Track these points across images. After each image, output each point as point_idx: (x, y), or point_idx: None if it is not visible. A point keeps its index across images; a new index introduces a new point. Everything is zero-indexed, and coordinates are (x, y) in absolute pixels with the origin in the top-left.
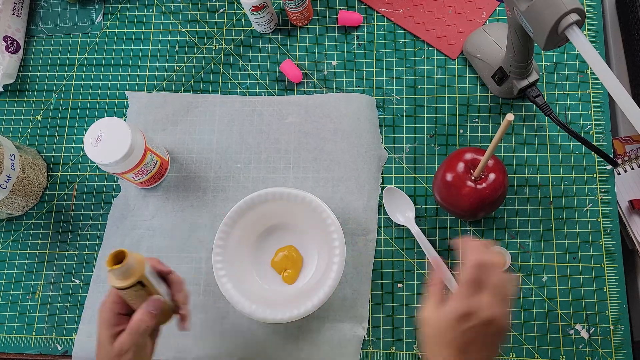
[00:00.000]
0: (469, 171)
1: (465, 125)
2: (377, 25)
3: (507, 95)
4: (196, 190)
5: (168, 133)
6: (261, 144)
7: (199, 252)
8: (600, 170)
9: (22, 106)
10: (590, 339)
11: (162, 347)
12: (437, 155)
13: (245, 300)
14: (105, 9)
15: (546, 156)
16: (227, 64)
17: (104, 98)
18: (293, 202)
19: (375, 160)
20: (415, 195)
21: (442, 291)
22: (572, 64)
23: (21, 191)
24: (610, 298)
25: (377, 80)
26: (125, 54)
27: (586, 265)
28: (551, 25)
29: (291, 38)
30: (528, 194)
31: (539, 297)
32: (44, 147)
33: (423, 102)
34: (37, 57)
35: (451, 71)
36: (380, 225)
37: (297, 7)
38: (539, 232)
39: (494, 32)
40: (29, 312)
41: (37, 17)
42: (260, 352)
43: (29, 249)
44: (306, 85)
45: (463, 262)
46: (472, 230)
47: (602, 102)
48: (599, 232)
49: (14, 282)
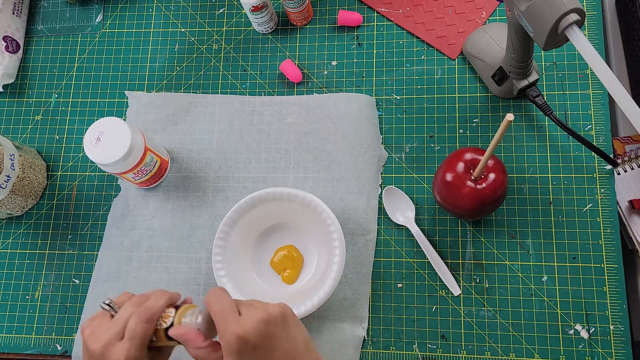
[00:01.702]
0: (469, 171)
1: (465, 125)
2: (377, 25)
3: (507, 95)
4: (196, 190)
5: (168, 133)
6: (261, 144)
7: (199, 252)
8: (600, 170)
9: (22, 106)
10: (590, 339)
11: None
12: (437, 155)
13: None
14: (105, 9)
15: (546, 156)
16: (227, 64)
17: (103, 98)
18: (293, 202)
19: (375, 160)
20: (415, 195)
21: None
22: (572, 64)
23: (21, 191)
24: (610, 298)
25: (377, 80)
26: (125, 54)
27: (586, 265)
28: (551, 25)
29: (291, 38)
30: (528, 194)
31: (539, 297)
32: (43, 147)
33: (423, 102)
34: (37, 57)
35: (451, 71)
36: (380, 225)
37: (297, 7)
38: (539, 232)
39: (494, 32)
40: (29, 312)
41: (37, 17)
42: None
43: (29, 249)
44: (306, 85)
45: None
46: (472, 230)
47: (602, 102)
48: (599, 232)
49: (14, 282)
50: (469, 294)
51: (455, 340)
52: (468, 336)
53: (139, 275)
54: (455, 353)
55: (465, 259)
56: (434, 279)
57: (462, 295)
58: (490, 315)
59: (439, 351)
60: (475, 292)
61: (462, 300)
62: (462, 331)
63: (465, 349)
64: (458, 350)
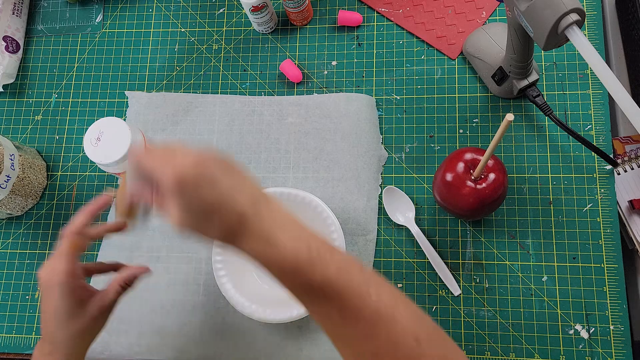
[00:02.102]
0: (469, 171)
1: (465, 125)
2: (377, 25)
3: (507, 95)
4: None
5: (168, 133)
6: (261, 144)
7: (199, 252)
8: (600, 170)
9: (22, 106)
10: (590, 339)
11: (162, 347)
12: (437, 155)
13: (245, 300)
14: (105, 9)
15: (546, 156)
16: (227, 64)
17: (103, 98)
18: (293, 202)
19: (375, 160)
20: (415, 195)
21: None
22: (572, 64)
23: (21, 191)
24: (610, 298)
25: (377, 80)
26: (125, 54)
27: (586, 265)
28: (551, 25)
29: (291, 38)
30: (528, 194)
31: (539, 297)
32: (43, 147)
33: (423, 102)
34: (37, 57)
35: (451, 71)
36: (380, 225)
37: (297, 7)
38: (539, 232)
39: (494, 32)
40: (29, 312)
41: (37, 17)
42: (260, 352)
43: (29, 249)
44: (306, 85)
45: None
46: (472, 230)
47: (602, 102)
48: (599, 232)
49: (14, 282)
50: (469, 294)
51: (455, 340)
52: (468, 336)
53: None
54: None
55: (465, 259)
56: (434, 279)
57: (462, 295)
58: (490, 315)
59: None
60: (475, 292)
61: (462, 300)
62: (462, 331)
63: (465, 349)
64: None
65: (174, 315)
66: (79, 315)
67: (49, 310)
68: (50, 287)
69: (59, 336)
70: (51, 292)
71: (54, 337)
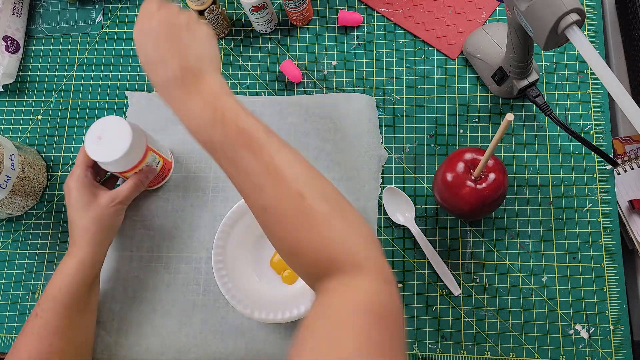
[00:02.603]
0: (469, 171)
1: (465, 125)
2: (377, 25)
3: (507, 95)
4: (196, 190)
5: (168, 133)
6: None
7: (199, 252)
8: (600, 170)
9: (22, 106)
10: (590, 339)
11: (162, 347)
12: (437, 155)
13: (245, 300)
14: (105, 9)
15: (546, 156)
16: (227, 64)
17: (104, 98)
18: None
19: (375, 160)
20: (415, 195)
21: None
22: (572, 64)
23: (21, 191)
24: (610, 298)
25: (377, 80)
26: (125, 54)
27: (586, 265)
28: (551, 25)
29: (291, 38)
30: (528, 194)
31: (539, 297)
32: (43, 147)
33: (423, 102)
34: (37, 57)
35: (451, 71)
36: (380, 225)
37: (297, 7)
38: (539, 232)
39: (494, 32)
40: (29, 312)
41: (37, 17)
42: (260, 352)
43: (29, 249)
44: (306, 85)
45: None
46: (472, 230)
47: (602, 102)
48: (599, 232)
49: (14, 282)
50: (469, 294)
51: (455, 340)
52: (468, 336)
53: (139, 275)
54: (455, 353)
55: (465, 259)
56: (434, 279)
57: (462, 295)
58: (490, 315)
59: (439, 351)
60: (475, 292)
61: (462, 300)
62: (462, 331)
63: (465, 349)
64: (458, 350)
65: (174, 315)
66: (93, 204)
67: (71, 203)
68: (70, 186)
69: (79, 225)
70: (71, 190)
71: (75, 226)
